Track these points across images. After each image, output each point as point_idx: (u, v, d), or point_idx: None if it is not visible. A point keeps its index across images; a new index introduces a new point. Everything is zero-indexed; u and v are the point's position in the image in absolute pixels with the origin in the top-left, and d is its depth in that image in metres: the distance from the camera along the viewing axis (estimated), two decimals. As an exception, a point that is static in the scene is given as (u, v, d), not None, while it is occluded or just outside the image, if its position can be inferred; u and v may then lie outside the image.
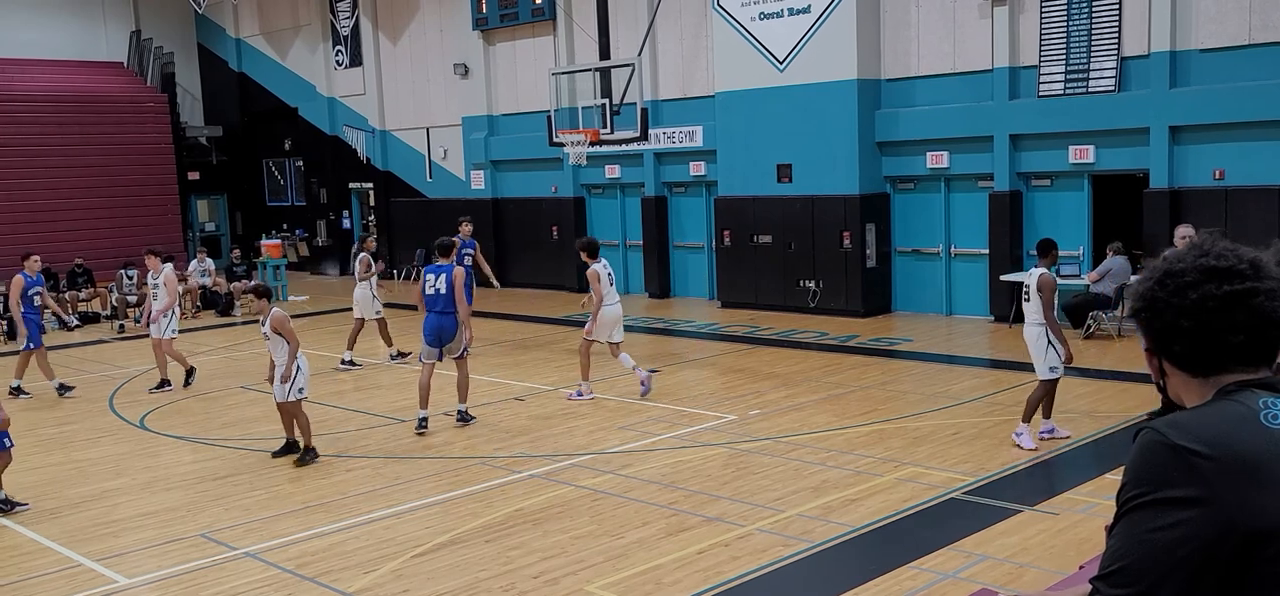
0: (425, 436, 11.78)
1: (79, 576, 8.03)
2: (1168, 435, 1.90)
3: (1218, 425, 1.91)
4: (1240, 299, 1.97)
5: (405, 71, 27.80)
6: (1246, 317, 1.97)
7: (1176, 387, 2.09)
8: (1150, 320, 2.07)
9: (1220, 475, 1.84)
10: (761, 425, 11.65)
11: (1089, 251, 16.85)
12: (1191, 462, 1.85)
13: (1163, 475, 1.87)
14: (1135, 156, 16.10)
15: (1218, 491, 1.83)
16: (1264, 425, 1.89)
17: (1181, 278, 2.01)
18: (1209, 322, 1.98)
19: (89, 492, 10.25)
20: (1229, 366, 2.01)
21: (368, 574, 7.80)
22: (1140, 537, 1.87)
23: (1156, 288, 2.05)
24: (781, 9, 18.99)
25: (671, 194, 22.53)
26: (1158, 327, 2.06)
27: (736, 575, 7.48)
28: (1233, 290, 1.97)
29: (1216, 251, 2.01)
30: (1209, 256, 2.01)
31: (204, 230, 32.40)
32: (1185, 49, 15.47)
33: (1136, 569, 1.86)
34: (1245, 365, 2.00)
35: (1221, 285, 1.97)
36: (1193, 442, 1.87)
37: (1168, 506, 1.85)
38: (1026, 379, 13.33)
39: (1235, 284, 1.97)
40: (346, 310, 23.51)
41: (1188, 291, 2.00)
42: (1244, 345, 1.98)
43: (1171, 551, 1.84)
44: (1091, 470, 9.64)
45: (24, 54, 29.47)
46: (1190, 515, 1.84)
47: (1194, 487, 1.84)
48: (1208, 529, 1.83)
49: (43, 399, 14.95)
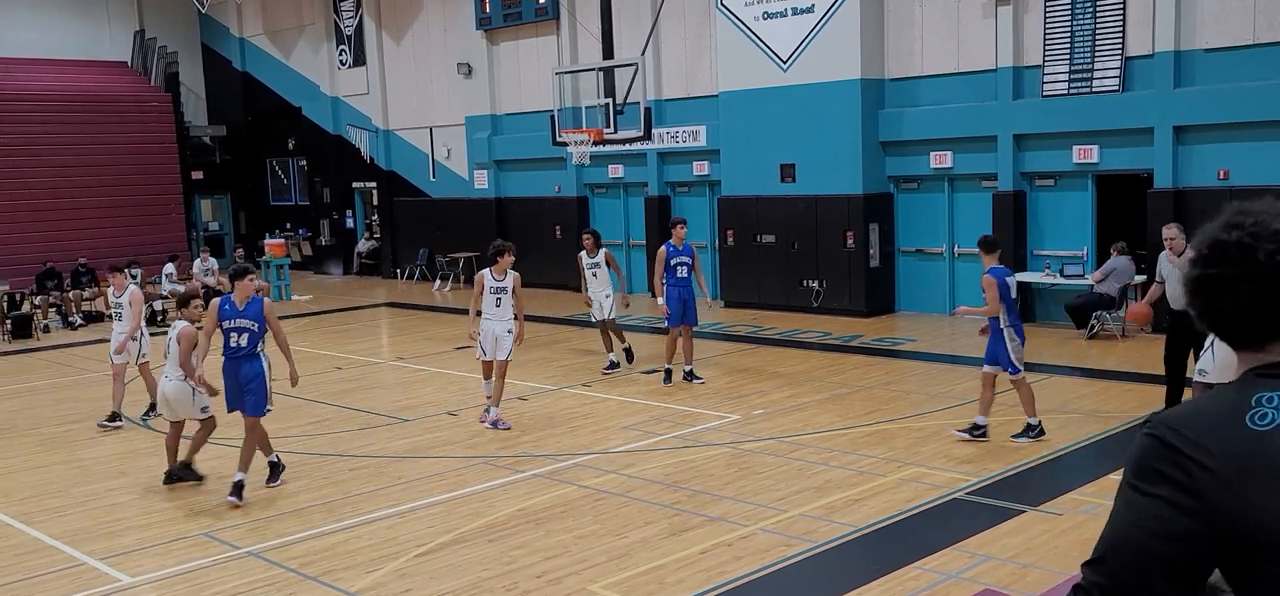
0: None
1: (82, 575, 8.03)
2: (1160, 432, 1.91)
3: (1210, 423, 1.90)
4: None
5: (409, 71, 27.80)
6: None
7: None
8: (1194, 295, 2.03)
9: (1210, 472, 1.84)
10: (764, 425, 11.63)
11: (1093, 251, 16.81)
12: (1179, 459, 1.86)
13: (1152, 470, 1.89)
14: (1139, 156, 16.07)
15: (1202, 490, 1.84)
16: (1249, 427, 1.87)
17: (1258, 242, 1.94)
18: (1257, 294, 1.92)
19: (92, 491, 10.25)
20: (1264, 341, 1.95)
21: (370, 573, 7.79)
22: (1124, 528, 1.91)
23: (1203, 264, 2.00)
24: (785, 8, 18.98)
25: (675, 193, 22.51)
26: (1201, 302, 2.02)
27: (739, 575, 7.47)
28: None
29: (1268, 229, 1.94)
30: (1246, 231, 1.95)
31: (207, 230, 32.43)
32: (1190, 49, 15.44)
33: (1116, 560, 1.90)
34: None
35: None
36: (1186, 441, 1.87)
37: (1153, 500, 1.87)
38: (1030, 380, 13.31)
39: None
40: (350, 309, 23.55)
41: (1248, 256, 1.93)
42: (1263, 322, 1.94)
43: (1150, 545, 1.86)
44: (1095, 470, 9.61)
45: (28, 53, 29.53)
46: (1173, 512, 1.85)
47: (1179, 484, 1.85)
48: (1189, 526, 1.84)
49: (43, 396, 14.94)
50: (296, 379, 10.13)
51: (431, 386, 14.73)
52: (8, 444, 12.41)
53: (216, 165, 33.03)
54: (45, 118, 27.74)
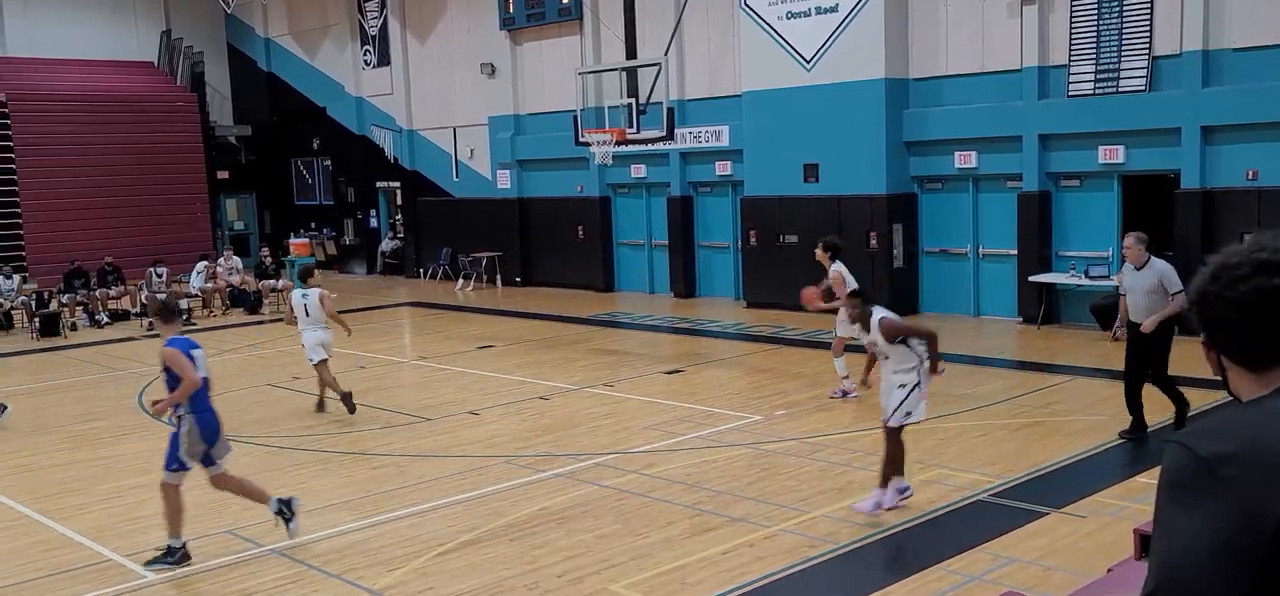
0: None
1: (107, 571, 8.09)
2: (1190, 445, 1.89)
3: (1243, 426, 1.90)
4: None
5: (432, 71, 27.89)
6: None
7: (1234, 381, 2.09)
8: (1203, 312, 2.07)
9: (1243, 477, 1.82)
10: (787, 425, 11.59)
11: (1118, 253, 16.65)
12: (1214, 469, 1.84)
13: (1188, 487, 1.87)
14: (1166, 157, 15.92)
15: (1242, 493, 1.81)
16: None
17: (1234, 270, 2.01)
18: (1260, 315, 1.97)
19: (118, 488, 10.33)
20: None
21: (392, 571, 7.81)
22: (1173, 554, 1.87)
23: (1210, 281, 2.05)
24: (809, 8, 18.92)
25: (697, 193, 22.48)
26: (1210, 320, 2.06)
27: (761, 575, 7.44)
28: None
29: (1273, 246, 2.00)
30: (1264, 250, 2.00)
31: (233, 229, 32.64)
32: (1218, 48, 15.28)
33: (1173, 590, 1.86)
34: None
35: (1273, 278, 1.96)
36: (1215, 449, 1.86)
37: (1195, 518, 1.84)
38: (1055, 381, 13.22)
39: None
40: (373, 308, 23.66)
41: (1239, 284, 1.99)
42: None
43: (1203, 566, 1.83)
44: (1121, 472, 9.53)
45: (56, 53, 29.80)
46: (1215, 523, 1.82)
47: (1217, 493, 1.83)
48: (1233, 531, 1.81)
49: (71, 394, 15.07)
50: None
51: (453, 386, 14.76)
52: (36, 441, 12.51)
53: (242, 165, 33.24)
54: (73, 117, 27.99)
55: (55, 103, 28.06)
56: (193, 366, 7.95)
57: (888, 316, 8.61)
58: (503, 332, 19.19)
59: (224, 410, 11.75)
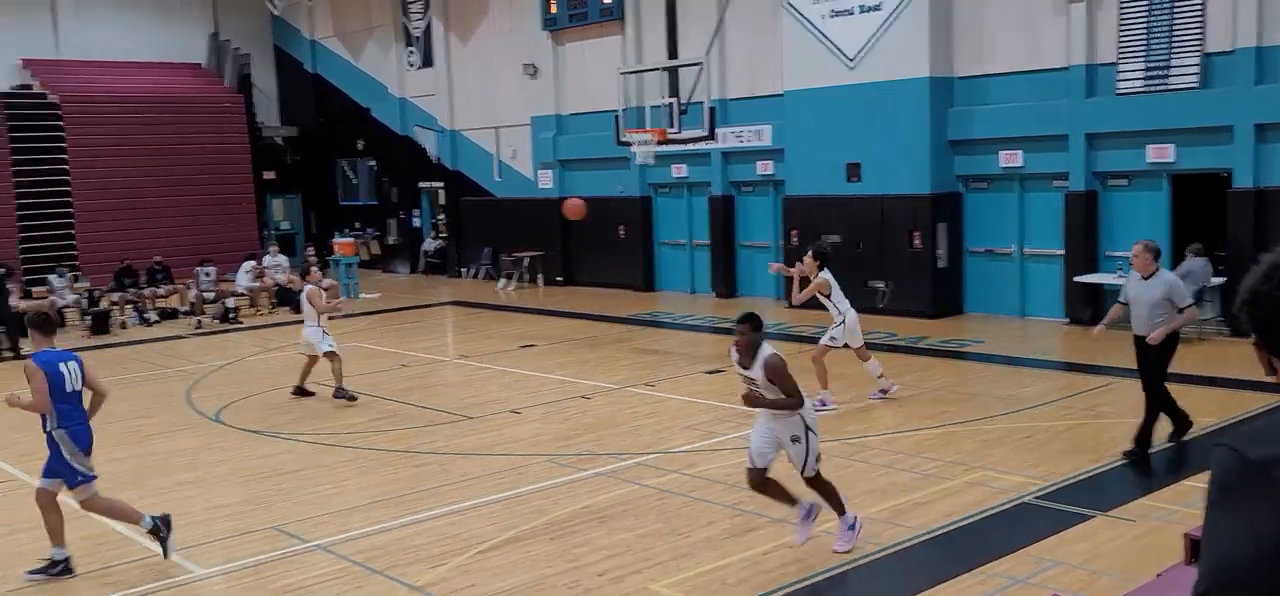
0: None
1: (157, 567, 8.20)
2: (1239, 448, 1.88)
3: None
4: None
5: (475, 72, 28.04)
6: None
7: None
8: (1254, 312, 2.06)
9: None
10: (828, 426, 11.50)
11: (1169, 253, 16.40)
12: (1265, 471, 1.83)
13: (1237, 489, 1.86)
14: (1218, 155, 15.65)
15: None
16: None
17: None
18: None
19: (166, 485, 10.48)
20: None
21: (434, 568, 7.86)
22: (1223, 555, 1.87)
23: (1262, 281, 2.04)
24: (852, 6, 18.80)
25: (739, 193, 22.43)
26: (1261, 320, 2.05)
27: (802, 577, 7.41)
28: None
29: None
30: None
31: (279, 229, 33.00)
32: (1273, 44, 15.00)
33: (1221, 584, 1.86)
34: None
35: None
36: (1266, 452, 1.85)
37: (1244, 519, 1.83)
38: (1101, 383, 13.03)
39: None
40: (416, 308, 23.84)
41: None
42: None
43: (1253, 566, 1.82)
44: (1169, 476, 9.39)
45: (107, 56, 30.29)
46: (1267, 526, 1.81)
47: (1268, 495, 1.81)
48: None
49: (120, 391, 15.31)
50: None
51: (495, 384, 14.83)
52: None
53: (288, 165, 33.61)
54: (123, 119, 28.45)
55: (106, 104, 28.53)
56: (46, 386, 7.77)
57: (776, 357, 7.76)
58: (544, 332, 19.25)
59: (272, 408, 11.87)
